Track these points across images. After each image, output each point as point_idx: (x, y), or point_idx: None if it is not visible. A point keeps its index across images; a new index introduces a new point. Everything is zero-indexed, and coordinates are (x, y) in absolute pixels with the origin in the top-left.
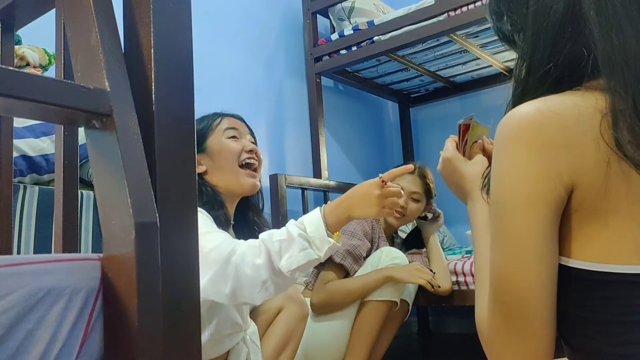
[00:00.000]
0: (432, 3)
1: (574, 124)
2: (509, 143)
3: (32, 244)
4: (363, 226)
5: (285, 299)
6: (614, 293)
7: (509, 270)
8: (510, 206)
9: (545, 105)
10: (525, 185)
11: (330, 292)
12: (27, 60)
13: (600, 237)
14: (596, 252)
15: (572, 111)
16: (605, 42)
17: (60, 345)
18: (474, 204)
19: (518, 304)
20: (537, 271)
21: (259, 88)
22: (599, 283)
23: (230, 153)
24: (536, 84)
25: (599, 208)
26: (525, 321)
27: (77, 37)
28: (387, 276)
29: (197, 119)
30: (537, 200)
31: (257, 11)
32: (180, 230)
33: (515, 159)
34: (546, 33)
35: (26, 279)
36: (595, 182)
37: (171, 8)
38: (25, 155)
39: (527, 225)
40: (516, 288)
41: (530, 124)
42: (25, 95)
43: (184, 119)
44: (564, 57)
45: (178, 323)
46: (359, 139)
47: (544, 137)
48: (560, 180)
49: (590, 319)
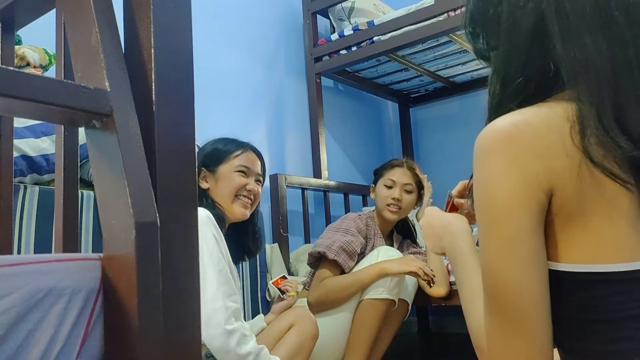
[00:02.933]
0: (432, 3)
1: (546, 133)
2: (486, 155)
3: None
4: (357, 223)
5: (296, 317)
6: (599, 292)
7: (501, 273)
8: (495, 212)
9: (519, 118)
10: (506, 193)
11: (325, 289)
12: (28, 60)
13: (582, 238)
14: (579, 254)
15: (544, 122)
16: (568, 55)
17: (61, 345)
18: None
19: (513, 305)
20: (527, 272)
21: (259, 88)
22: (584, 284)
23: (232, 185)
24: (510, 97)
25: (577, 211)
26: (523, 323)
27: (77, 37)
28: (380, 269)
29: (225, 138)
30: (519, 206)
31: (257, 11)
32: (180, 230)
33: (494, 169)
34: (517, 48)
35: (26, 279)
36: (570, 186)
37: (171, 8)
38: (26, 155)
39: (514, 229)
40: (509, 290)
41: (505, 137)
42: (25, 95)
43: (184, 119)
44: (534, 71)
45: (178, 323)
46: (359, 139)
47: (519, 147)
48: (540, 186)
49: (579, 319)
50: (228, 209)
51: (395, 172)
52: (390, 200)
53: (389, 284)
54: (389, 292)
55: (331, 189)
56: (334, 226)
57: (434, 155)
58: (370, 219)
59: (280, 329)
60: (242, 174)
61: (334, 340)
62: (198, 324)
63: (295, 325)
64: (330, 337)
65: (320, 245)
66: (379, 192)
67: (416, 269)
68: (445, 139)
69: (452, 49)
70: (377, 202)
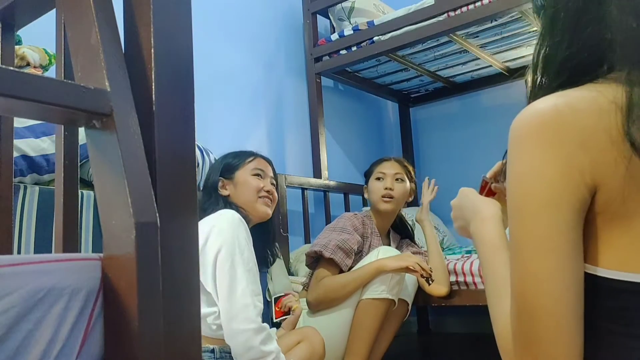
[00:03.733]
0: (432, 3)
1: (595, 121)
2: (524, 141)
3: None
4: (353, 221)
5: (305, 335)
6: (630, 303)
7: (532, 275)
8: (530, 209)
9: (562, 101)
10: (546, 185)
11: (324, 288)
12: (28, 60)
13: (622, 243)
14: (616, 260)
15: (592, 107)
16: (624, 24)
17: (61, 345)
18: (488, 224)
19: (543, 311)
20: (561, 275)
21: (259, 88)
22: (616, 292)
23: (252, 186)
24: (555, 71)
25: (620, 211)
26: (552, 329)
27: (77, 37)
28: (377, 266)
29: (234, 152)
30: (559, 201)
31: (257, 11)
32: (180, 230)
33: (532, 159)
34: (566, 12)
35: (26, 279)
36: (616, 182)
37: (171, 8)
38: (26, 155)
39: (550, 228)
40: (540, 294)
41: (546, 122)
42: (25, 95)
43: (184, 119)
44: (585, 39)
45: (178, 323)
46: (359, 139)
47: (561, 134)
48: (583, 180)
49: (601, 327)
50: (252, 210)
51: (383, 165)
52: (383, 191)
53: (388, 284)
54: (388, 292)
55: (331, 189)
56: (331, 226)
57: (434, 155)
58: (367, 217)
59: (289, 343)
60: (258, 177)
61: (334, 340)
62: (198, 324)
63: (305, 341)
64: (330, 337)
65: (317, 244)
66: (371, 188)
67: (412, 264)
68: (445, 139)
69: (452, 49)
70: (371, 197)
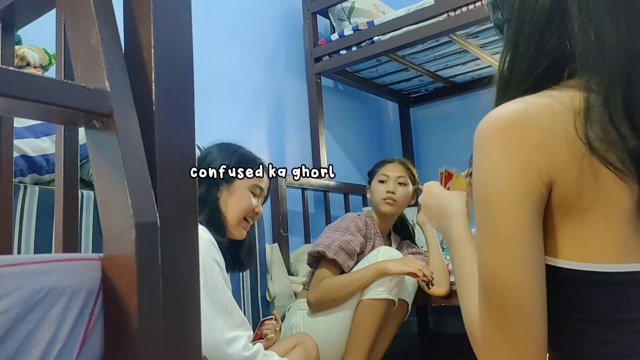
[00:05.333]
0: (432, 3)
1: (549, 124)
2: (487, 144)
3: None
4: (356, 222)
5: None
6: (590, 291)
7: (498, 268)
8: (494, 204)
9: (521, 107)
10: (506, 183)
11: (325, 288)
12: (28, 61)
13: (579, 235)
14: (575, 251)
15: (547, 111)
16: (584, 38)
17: (61, 345)
18: (453, 221)
19: (510, 300)
20: (525, 266)
21: (259, 88)
22: (576, 281)
23: (243, 205)
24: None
25: (576, 206)
26: (519, 318)
27: (77, 37)
28: (380, 268)
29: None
30: (519, 197)
31: (257, 11)
32: (180, 230)
33: (494, 158)
34: (530, 26)
35: (26, 279)
36: (571, 179)
37: (171, 8)
38: (26, 155)
39: (512, 222)
40: (507, 285)
41: (506, 126)
42: (25, 95)
43: (184, 119)
44: (548, 51)
45: (178, 323)
46: (359, 139)
47: (520, 137)
48: (539, 177)
49: (568, 317)
50: (230, 228)
51: (387, 167)
52: (385, 194)
53: (388, 284)
54: (388, 292)
55: (331, 189)
56: (333, 226)
57: (433, 155)
58: (369, 218)
59: (285, 348)
60: (253, 195)
61: (334, 340)
62: (198, 324)
63: (300, 345)
64: (330, 337)
65: (320, 244)
66: (374, 189)
67: (415, 270)
68: (445, 139)
69: (452, 49)
70: (374, 199)
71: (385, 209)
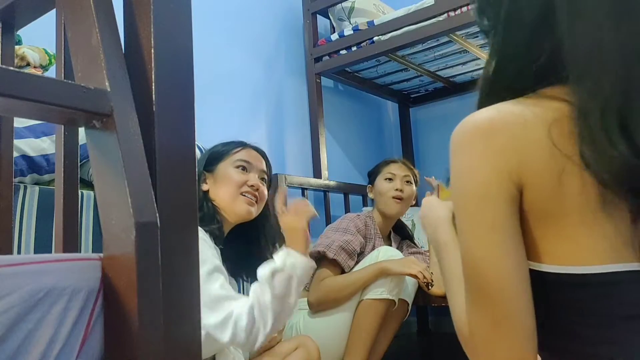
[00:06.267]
0: (432, 3)
1: (521, 132)
2: (463, 147)
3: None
4: (355, 222)
5: (301, 342)
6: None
7: (480, 262)
8: (470, 204)
9: (496, 113)
10: (480, 183)
11: (325, 289)
12: (28, 61)
13: (558, 240)
14: (555, 255)
15: (519, 120)
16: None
17: (61, 345)
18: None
19: (493, 293)
20: (506, 259)
21: (259, 88)
22: (560, 285)
23: (232, 181)
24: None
25: (553, 212)
26: (503, 309)
27: (77, 37)
28: (381, 268)
29: (224, 142)
30: (493, 196)
31: (257, 11)
32: (180, 230)
33: (469, 160)
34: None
35: (26, 279)
36: (544, 185)
37: (171, 8)
38: (26, 155)
39: (489, 218)
40: (490, 276)
41: (480, 130)
42: (25, 95)
43: (184, 119)
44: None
45: (178, 323)
46: (359, 139)
47: (493, 142)
48: (511, 178)
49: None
50: (230, 209)
51: (392, 166)
52: (394, 192)
53: (389, 284)
54: (388, 292)
55: (331, 189)
56: (333, 226)
57: (433, 155)
58: (369, 218)
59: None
60: (241, 170)
61: (334, 340)
62: (198, 324)
63: (301, 347)
64: (330, 337)
65: (320, 244)
66: (380, 188)
67: (416, 272)
68: (445, 139)
69: (452, 49)
70: (379, 198)
71: (393, 208)
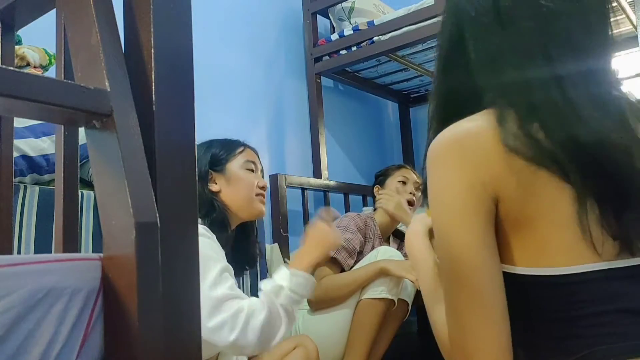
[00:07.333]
0: (432, 3)
1: (483, 144)
2: (436, 165)
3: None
4: (356, 221)
5: (298, 342)
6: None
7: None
8: (446, 219)
9: (460, 129)
10: (455, 197)
11: (325, 287)
12: (28, 60)
13: (530, 243)
14: (528, 258)
15: (480, 131)
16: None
17: (61, 345)
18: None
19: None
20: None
21: (259, 88)
22: (532, 286)
23: (247, 183)
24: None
25: (522, 216)
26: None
27: (77, 37)
28: (380, 267)
29: (219, 140)
30: (468, 210)
31: (257, 11)
32: (180, 230)
33: (444, 177)
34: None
35: (26, 279)
36: (512, 193)
37: (171, 8)
38: (26, 155)
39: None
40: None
41: (451, 147)
42: (25, 95)
43: (184, 119)
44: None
45: (178, 323)
46: (359, 139)
47: (463, 157)
48: (486, 192)
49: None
50: (246, 210)
51: (404, 170)
52: (408, 196)
53: (388, 284)
54: (388, 292)
55: (331, 189)
56: (334, 225)
57: None
58: (370, 218)
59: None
60: (250, 171)
61: (334, 340)
62: (198, 324)
63: (300, 347)
64: (330, 337)
65: None
66: (394, 190)
67: (413, 279)
68: None
69: None
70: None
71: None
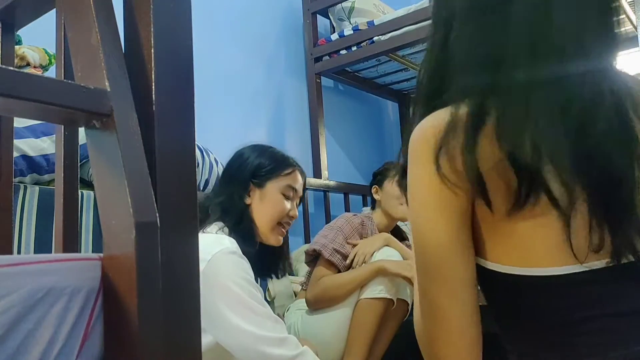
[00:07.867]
0: None
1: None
2: (414, 157)
3: (32, 244)
4: (352, 221)
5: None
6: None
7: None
8: (421, 213)
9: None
10: (429, 192)
11: (323, 287)
12: (28, 60)
13: (511, 242)
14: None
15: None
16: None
17: (61, 345)
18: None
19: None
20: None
21: (259, 88)
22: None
23: (276, 210)
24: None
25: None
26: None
27: (77, 37)
28: (378, 267)
29: (275, 151)
30: (442, 205)
31: (257, 11)
32: (180, 230)
33: (419, 170)
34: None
35: (26, 279)
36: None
37: (171, 8)
38: (26, 155)
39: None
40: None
41: (427, 142)
42: (25, 95)
43: (184, 119)
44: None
45: (178, 323)
46: (359, 139)
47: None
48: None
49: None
50: (264, 234)
51: None
52: None
53: (387, 283)
54: (387, 292)
55: (331, 189)
56: (330, 225)
57: None
58: (367, 218)
59: None
60: (287, 198)
61: (333, 340)
62: (198, 324)
63: None
64: (329, 337)
65: (317, 243)
66: (392, 191)
67: (412, 278)
68: None
69: None
70: (389, 200)
71: (404, 212)
